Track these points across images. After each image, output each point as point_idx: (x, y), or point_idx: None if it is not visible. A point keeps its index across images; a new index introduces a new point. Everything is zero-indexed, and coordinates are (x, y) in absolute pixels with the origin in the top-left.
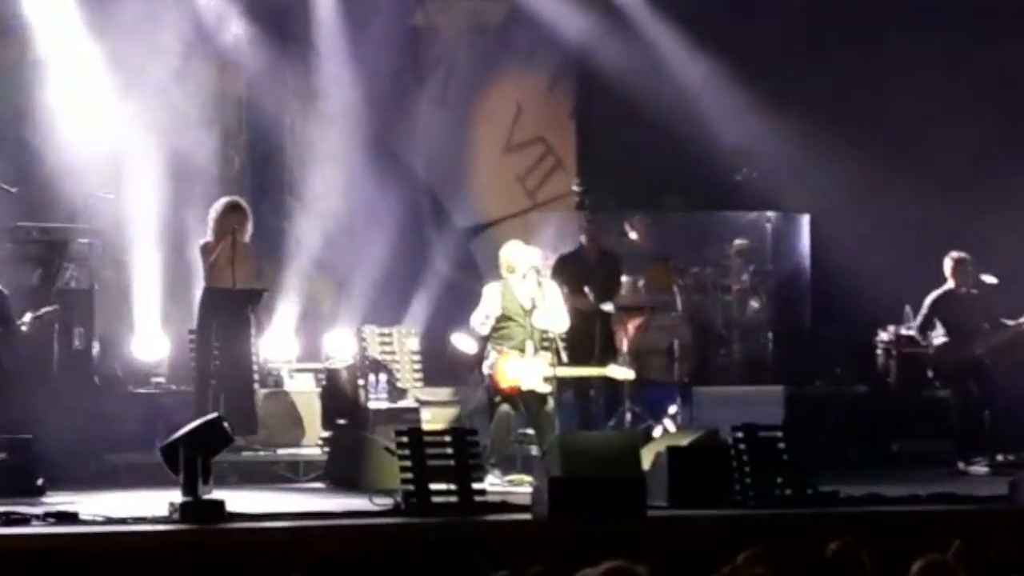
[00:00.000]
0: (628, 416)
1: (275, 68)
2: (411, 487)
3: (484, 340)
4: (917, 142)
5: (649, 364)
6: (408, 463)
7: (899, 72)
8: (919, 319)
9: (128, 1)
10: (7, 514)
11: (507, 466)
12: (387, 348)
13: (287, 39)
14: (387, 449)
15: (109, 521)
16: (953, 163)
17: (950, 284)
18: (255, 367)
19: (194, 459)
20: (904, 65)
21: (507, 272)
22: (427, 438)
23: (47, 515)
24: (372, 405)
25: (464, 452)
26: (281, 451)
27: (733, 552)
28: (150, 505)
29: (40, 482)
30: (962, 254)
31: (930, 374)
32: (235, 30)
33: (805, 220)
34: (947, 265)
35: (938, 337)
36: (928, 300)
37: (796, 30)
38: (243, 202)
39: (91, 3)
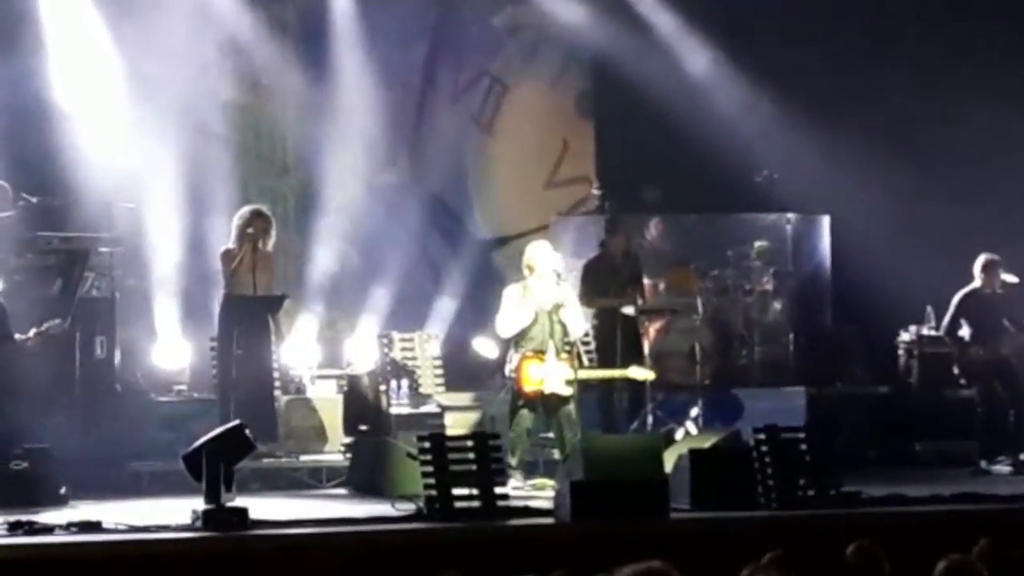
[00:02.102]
0: (650, 419)
1: (296, 80)
2: (433, 492)
3: (506, 344)
4: (938, 142)
5: (670, 367)
6: (430, 468)
7: (919, 72)
8: (947, 319)
9: (151, 13)
10: (30, 523)
11: (529, 470)
12: (409, 353)
13: (309, 52)
14: (409, 455)
15: (132, 529)
16: (975, 162)
17: (976, 283)
18: (276, 374)
19: (216, 466)
20: (925, 64)
21: (528, 272)
22: (449, 443)
23: (70, 524)
24: (394, 411)
25: (486, 456)
26: (303, 458)
27: (756, 554)
28: (173, 513)
29: (63, 491)
30: (993, 256)
31: (956, 371)
32: (256, 43)
33: (825, 221)
34: (977, 265)
35: (964, 335)
36: (955, 299)
37: (817, 31)
38: (267, 210)
39: (114, 14)
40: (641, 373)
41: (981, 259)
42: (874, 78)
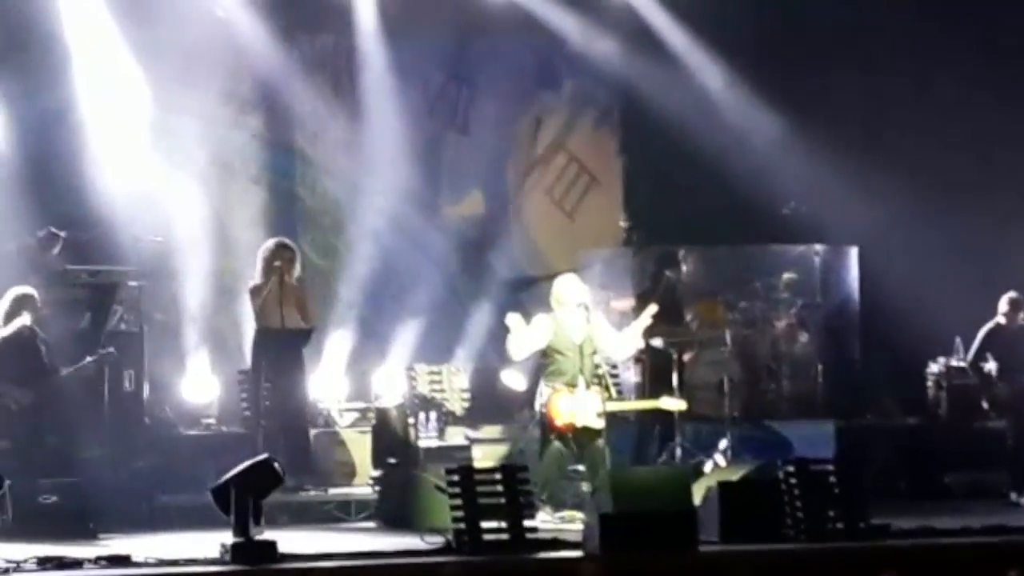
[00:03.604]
0: (678, 451)
1: (326, 115)
2: (462, 525)
3: (535, 378)
4: (966, 174)
5: (699, 399)
6: (459, 501)
7: (948, 105)
8: (972, 352)
9: (180, 48)
10: (59, 558)
11: (558, 503)
12: (436, 386)
13: (338, 87)
14: (438, 487)
15: (161, 563)
16: (1003, 195)
17: (1001, 320)
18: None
19: (245, 500)
20: (954, 98)
21: (556, 305)
22: (478, 476)
23: (99, 558)
24: (422, 443)
25: (515, 489)
26: (332, 491)
27: None
28: (202, 546)
29: (92, 525)
30: (1018, 295)
31: (985, 405)
32: (286, 79)
33: (853, 252)
34: (1003, 303)
35: (990, 369)
36: (980, 334)
37: (845, 63)
38: (291, 242)
39: (143, 50)
40: (673, 403)
41: (1005, 298)
42: (902, 110)
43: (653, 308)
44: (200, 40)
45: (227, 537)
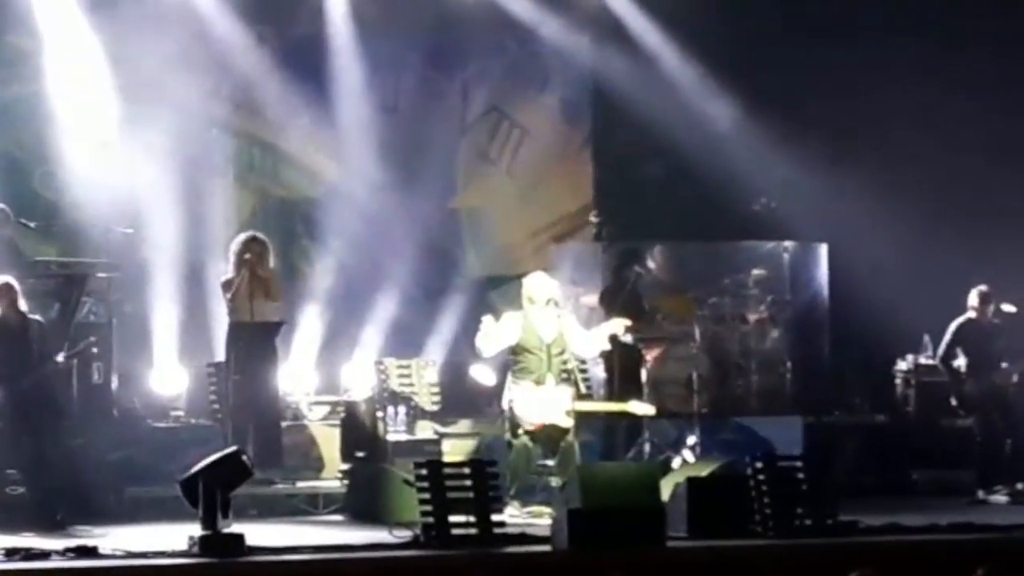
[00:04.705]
0: (647, 447)
1: (294, 107)
2: (430, 519)
3: (504, 372)
4: (935, 172)
5: (667, 395)
6: (427, 495)
7: (919, 104)
8: (942, 347)
9: (149, 40)
10: (27, 549)
11: (527, 498)
12: (406, 380)
13: (306, 78)
14: (406, 481)
15: (129, 555)
16: (972, 192)
17: (972, 314)
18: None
19: (213, 492)
20: (924, 97)
21: (527, 303)
22: (446, 470)
23: (67, 550)
24: (391, 437)
25: (483, 484)
26: (300, 484)
27: None
28: (170, 539)
29: (59, 516)
30: (987, 288)
31: (954, 402)
32: (254, 70)
33: (823, 249)
34: (972, 297)
35: (960, 365)
36: (950, 328)
37: (815, 60)
38: (262, 235)
39: (109, 35)
40: (641, 408)
41: (975, 291)
42: (873, 107)
43: (626, 322)
44: (172, 33)
45: (195, 529)
